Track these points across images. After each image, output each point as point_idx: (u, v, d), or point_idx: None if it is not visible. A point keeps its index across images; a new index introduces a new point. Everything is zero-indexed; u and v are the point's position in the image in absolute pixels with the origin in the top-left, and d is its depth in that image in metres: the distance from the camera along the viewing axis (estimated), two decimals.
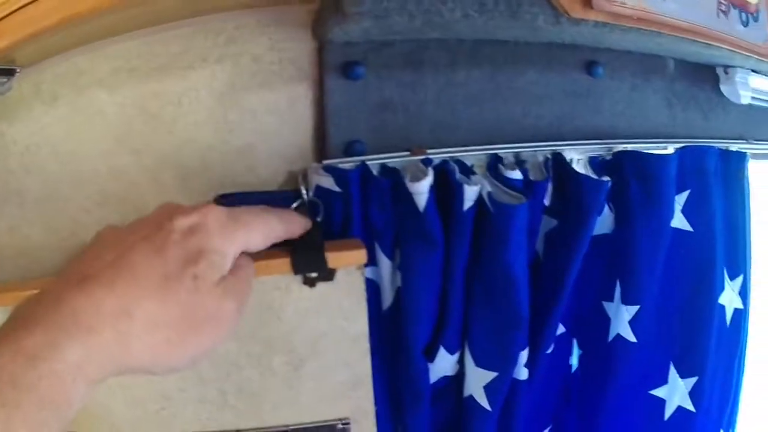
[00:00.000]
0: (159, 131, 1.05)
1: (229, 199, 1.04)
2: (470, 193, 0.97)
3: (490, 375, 1.09)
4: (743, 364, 1.34)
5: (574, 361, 1.28)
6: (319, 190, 1.01)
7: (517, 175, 1.02)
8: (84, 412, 1.05)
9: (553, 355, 1.20)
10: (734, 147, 1.27)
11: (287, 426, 1.09)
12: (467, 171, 1.04)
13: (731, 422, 1.34)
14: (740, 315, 1.29)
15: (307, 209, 1.00)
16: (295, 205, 1.01)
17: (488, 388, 1.10)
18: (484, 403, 1.11)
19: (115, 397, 1.07)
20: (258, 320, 1.02)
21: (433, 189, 0.97)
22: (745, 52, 1.17)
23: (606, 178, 1.05)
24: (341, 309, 1.02)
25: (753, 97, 1.29)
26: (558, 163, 1.07)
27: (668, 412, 1.26)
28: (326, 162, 1.02)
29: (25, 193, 1.05)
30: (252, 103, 1.05)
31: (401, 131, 1.06)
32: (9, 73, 0.95)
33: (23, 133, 1.02)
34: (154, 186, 1.07)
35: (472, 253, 1.02)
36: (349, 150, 1.04)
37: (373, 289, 1.06)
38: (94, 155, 1.05)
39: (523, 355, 1.11)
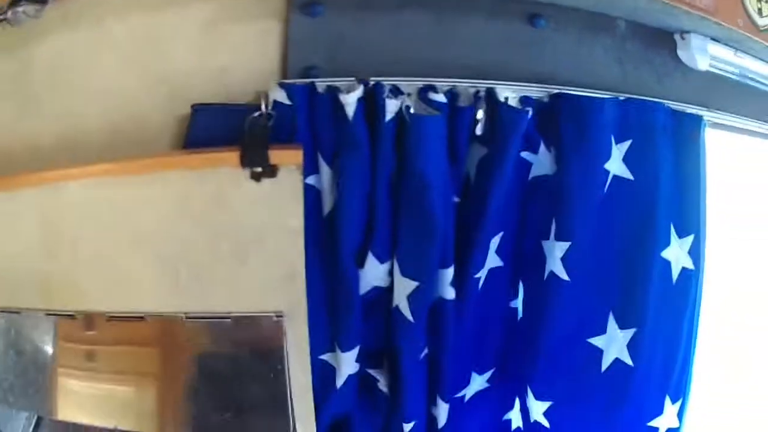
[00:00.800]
0: (157, 54, 1.28)
1: (203, 110, 1.24)
2: (391, 107, 1.12)
3: (413, 284, 1.18)
4: (695, 330, 1.31)
5: (520, 305, 1.32)
6: (275, 104, 1.18)
7: (441, 98, 1.14)
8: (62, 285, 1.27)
9: (489, 289, 1.26)
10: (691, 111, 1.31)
11: (229, 313, 1.22)
12: (399, 93, 1.17)
13: (680, 390, 1.30)
14: (689, 275, 1.29)
15: (262, 119, 1.18)
16: (255, 114, 1.19)
17: (411, 298, 1.19)
18: (408, 314, 1.20)
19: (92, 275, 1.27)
20: (211, 207, 1.19)
21: (362, 102, 1.12)
22: (699, 13, 1.23)
23: (527, 109, 1.15)
24: (281, 204, 1.16)
25: (715, 66, 1.33)
26: (489, 97, 1.18)
27: (606, 363, 1.27)
28: (282, 81, 1.20)
29: (43, 105, 1.31)
30: (230, 33, 1.26)
31: (351, 61, 1.22)
32: (43, 2, 1.22)
33: (49, 53, 1.29)
34: (150, 99, 1.29)
35: (396, 163, 1.15)
36: (305, 74, 1.22)
37: (314, 195, 1.20)
38: (105, 74, 1.29)
39: (448, 273, 1.19)
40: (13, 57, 1.31)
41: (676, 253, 1.28)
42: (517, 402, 1.38)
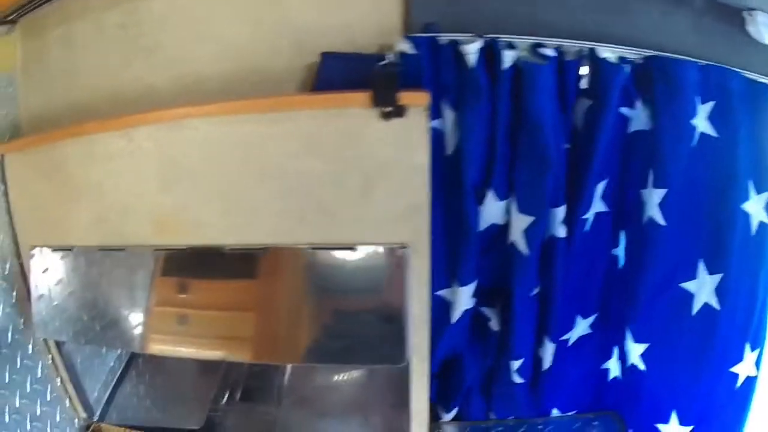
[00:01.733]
0: (273, 8, 1.38)
1: (332, 57, 1.33)
2: (508, 57, 1.25)
3: (529, 219, 1.27)
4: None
5: (621, 253, 1.42)
6: (401, 55, 1.29)
7: (550, 52, 1.27)
8: (177, 219, 1.33)
9: (595, 232, 1.36)
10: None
11: (354, 244, 1.29)
12: (513, 48, 1.29)
13: (758, 339, 1.39)
14: (765, 229, 1.40)
15: (391, 66, 1.28)
16: (382, 63, 1.29)
17: (527, 233, 1.28)
18: (523, 248, 1.28)
19: (211, 207, 1.33)
20: (341, 144, 1.27)
21: (482, 52, 1.25)
22: None
23: (625, 65, 1.28)
24: (409, 141, 1.25)
25: None
26: (592, 55, 1.31)
27: (696, 306, 1.36)
28: (407, 35, 1.31)
29: (155, 50, 1.39)
30: None
31: (467, 19, 1.34)
32: None
33: (160, 4, 1.39)
34: (268, 50, 1.38)
35: (514, 107, 1.26)
36: (425, 30, 1.33)
37: (437, 136, 1.30)
38: (219, 24, 1.39)
39: (560, 211, 1.29)
40: (120, 8, 1.42)
41: (755, 207, 1.39)
42: (615, 351, 1.45)
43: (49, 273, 1.48)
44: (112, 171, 1.42)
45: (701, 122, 1.37)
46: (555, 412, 1.55)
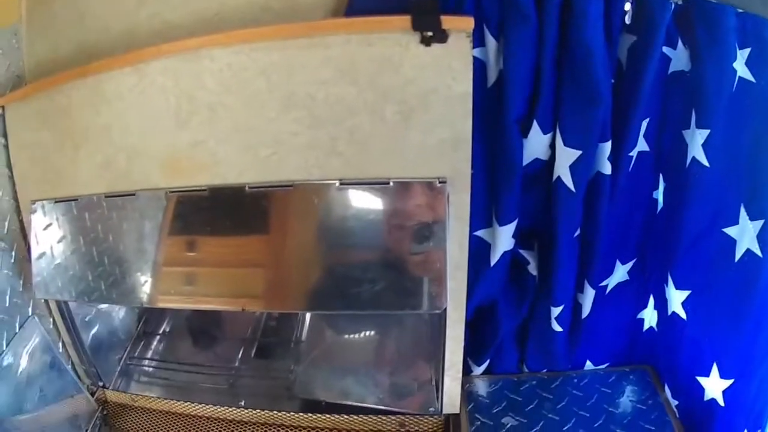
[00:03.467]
0: None
1: None
2: None
3: (576, 153, 1.20)
4: None
5: (660, 197, 1.37)
6: None
7: None
8: (193, 157, 1.22)
9: (637, 171, 1.31)
10: None
11: (389, 178, 1.20)
12: None
13: None
14: None
15: None
16: None
17: (573, 168, 1.21)
18: (569, 183, 1.21)
19: (230, 142, 1.22)
20: (378, 70, 1.18)
21: None
22: None
23: (670, 2, 1.24)
24: (450, 69, 1.17)
25: None
26: None
27: (738, 253, 1.31)
28: None
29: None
30: None
31: None
32: None
33: None
34: None
35: (561, 36, 1.19)
36: None
37: (480, 66, 1.22)
38: None
39: (607, 147, 1.23)
40: None
41: None
42: (651, 301, 1.39)
43: (51, 229, 1.36)
44: (121, 111, 1.30)
45: (740, 66, 1.33)
46: (588, 365, 1.48)
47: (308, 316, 1.46)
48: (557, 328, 1.33)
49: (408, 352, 1.38)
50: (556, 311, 1.30)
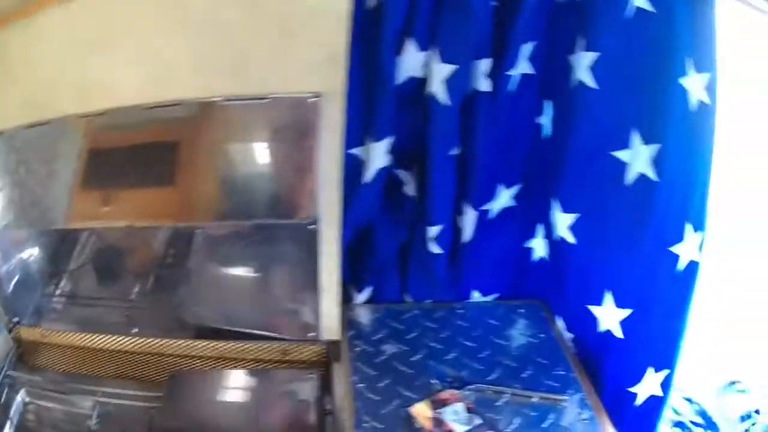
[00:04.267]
0: None
1: None
2: None
3: (451, 68, 1.21)
4: (710, 165, 1.34)
5: (546, 122, 1.35)
6: None
7: None
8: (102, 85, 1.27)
9: (520, 94, 1.30)
10: None
11: (267, 94, 1.22)
12: None
13: (701, 222, 1.30)
14: (706, 109, 1.33)
15: None
16: None
17: (449, 82, 1.21)
18: (444, 97, 1.22)
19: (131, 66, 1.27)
20: None
21: None
22: None
23: None
24: None
25: None
26: None
27: (630, 176, 1.28)
28: None
29: None
30: None
31: None
32: None
33: None
34: None
35: None
36: None
37: None
38: None
39: (484, 63, 1.23)
40: None
41: (694, 85, 1.33)
42: (541, 230, 1.36)
43: None
44: (45, 48, 1.35)
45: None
46: (476, 296, 1.45)
47: (200, 248, 1.48)
48: (436, 249, 1.31)
49: (289, 280, 1.38)
50: (433, 231, 1.29)
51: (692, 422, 1.78)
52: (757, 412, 1.76)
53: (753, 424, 1.72)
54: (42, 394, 1.42)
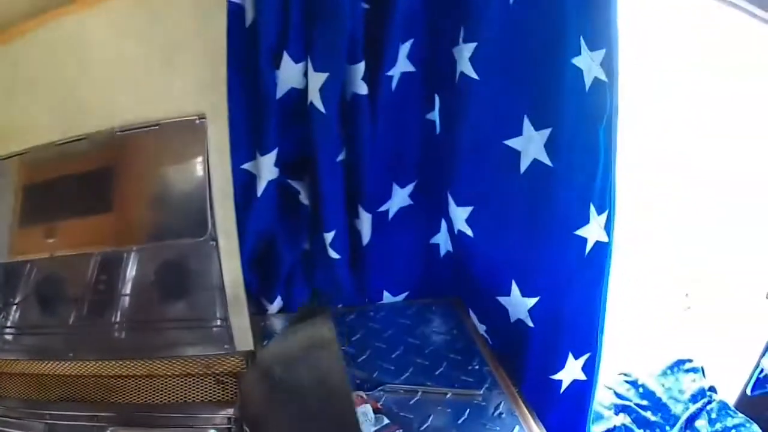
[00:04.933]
0: None
1: None
2: None
3: (324, 76, 1.23)
4: (613, 141, 1.30)
5: (437, 118, 1.36)
6: None
7: None
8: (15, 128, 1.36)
9: (403, 93, 1.31)
10: None
11: (158, 121, 1.28)
12: None
13: (605, 201, 1.27)
14: (602, 85, 1.30)
15: None
16: None
17: (323, 90, 1.24)
18: (320, 105, 1.24)
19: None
20: (147, 23, 1.28)
21: None
22: None
23: None
24: (205, 14, 1.26)
25: None
26: None
27: (524, 164, 1.27)
28: None
29: None
30: None
31: None
32: None
33: None
34: None
35: None
36: None
37: (237, 9, 1.29)
38: None
39: (359, 68, 1.25)
40: None
41: (587, 63, 1.30)
42: (444, 225, 1.36)
43: None
44: None
45: None
46: (387, 297, 1.45)
47: (124, 272, 1.55)
48: (334, 255, 1.33)
49: (200, 296, 1.42)
50: (329, 237, 1.31)
51: (638, 405, 1.71)
52: (711, 389, 1.68)
53: (708, 402, 1.64)
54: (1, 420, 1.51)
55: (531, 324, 1.30)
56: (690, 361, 1.76)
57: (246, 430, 1.28)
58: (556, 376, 1.33)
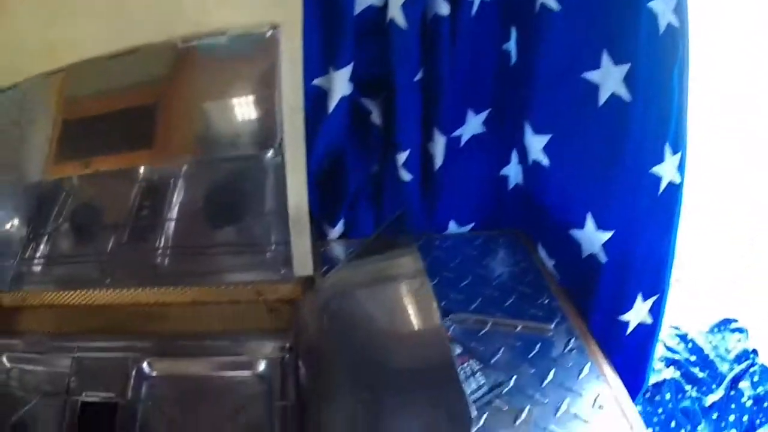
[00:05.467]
0: None
1: None
2: None
3: None
4: (685, 83, 1.30)
5: (513, 50, 1.34)
6: None
7: None
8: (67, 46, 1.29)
9: (482, 18, 1.28)
10: None
11: (225, 30, 1.23)
12: None
13: (679, 142, 1.26)
14: (675, 32, 1.30)
15: None
16: None
17: (405, 6, 1.20)
18: (402, 21, 1.21)
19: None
20: None
21: None
22: None
23: None
24: None
25: None
26: None
27: (602, 97, 1.25)
28: None
29: None
30: None
31: None
32: None
33: None
34: None
35: None
36: None
37: None
38: None
39: None
40: None
41: (662, 8, 1.30)
42: (514, 156, 1.33)
43: None
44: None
45: None
46: (452, 227, 1.40)
47: (173, 197, 1.48)
48: (406, 176, 1.29)
49: (259, 217, 1.36)
50: (402, 157, 1.27)
51: (687, 360, 1.70)
52: (754, 352, 1.68)
53: (752, 365, 1.63)
54: (22, 357, 1.40)
55: (604, 260, 1.27)
56: (736, 321, 1.76)
57: (300, 363, 1.22)
58: (624, 317, 1.30)
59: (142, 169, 1.49)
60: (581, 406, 1.07)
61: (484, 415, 1.08)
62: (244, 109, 1.22)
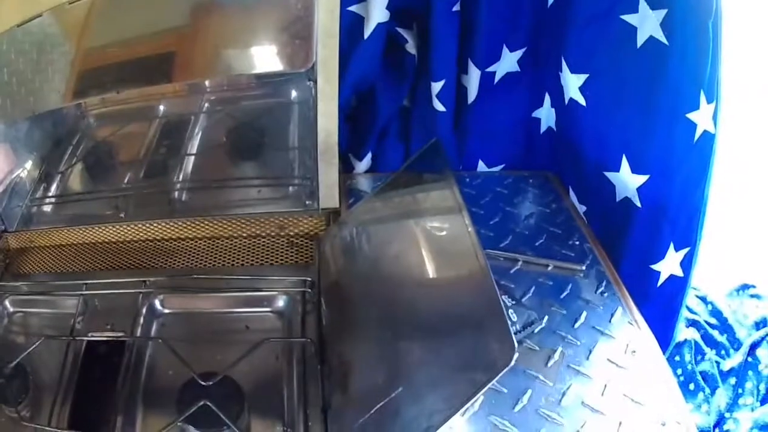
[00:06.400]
0: None
1: None
2: None
3: None
4: (717, 37, 1.29)
5: None
6: None
7: None
8: None
9: None
10: None
11: None
12: None
13: (712, 92, 1.24)
14: None
15: None
16: None
17: None
18: None
19: None
20: None
21: None
22: None
23: None
24: None
25: None
26: None
27: (641, 39, 1.23)
28: None
29: None
30: None
31: None
32: None
33: None
34: None
35: None
36: None
37: None
38: None
39: None
40: None
41: None
42: (547, 99, 1.30)
43: None
44: None
45: None
46: (481, 167, 1.37)
47: (196, 132, 1.43)
48: (439, 107, 1.26)
49: (285, 143, 1.31)
50: (436, 87, 1.24)
51: (707, 322, 1.67)
52: None
53: None
54: (27, 300, 1.33)
55: (638, 203, 1.24)
56: (754, 287, 1.74)
57: (321, 300, 1.17)
58: (656, 267, 1.27)
59: (162, 106, 1.44)
60: (614, 350, 1.04)
61: (515, 356, 1.04)
62: (279, 27, 1.18)
